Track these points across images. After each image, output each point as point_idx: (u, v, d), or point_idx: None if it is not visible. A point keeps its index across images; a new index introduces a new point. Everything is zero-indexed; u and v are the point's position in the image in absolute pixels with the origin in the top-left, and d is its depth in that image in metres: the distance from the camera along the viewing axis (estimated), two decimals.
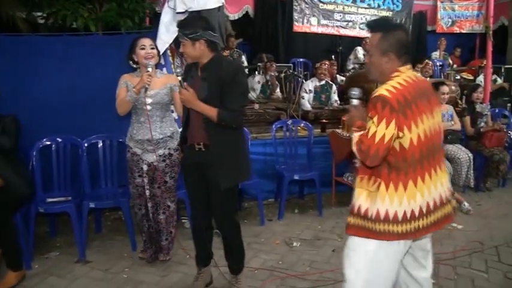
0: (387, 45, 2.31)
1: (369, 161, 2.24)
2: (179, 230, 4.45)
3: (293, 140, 5.10)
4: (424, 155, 2.25)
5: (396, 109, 2.15)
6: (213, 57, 3.01)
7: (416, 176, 2.24)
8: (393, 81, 2.24)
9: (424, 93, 2.30)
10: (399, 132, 2.18)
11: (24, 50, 4.56)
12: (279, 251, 4.03)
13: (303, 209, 5.08)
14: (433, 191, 2.31)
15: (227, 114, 2.93)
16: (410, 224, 2.25)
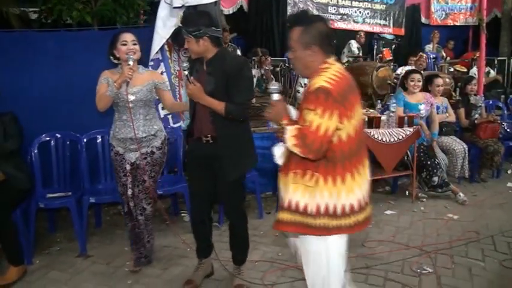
0: (309, 38, 2.27)
1: (312, 154, 2.19)
2: (179, 223, 4.51)
3: None
4: (359, 147, 2.27)
5: (338, 100, 2.13)
6: (217, 52, 3.05)
7: (352, 169, 2.23)
8: (328, 73, 2.21)
9: (353, 87, 2.29)
10: (339, 124, 2.17)
11: (19, 46, 4.58)
12: (278, 243, 4.06)
13: None
14: (364, 186, 2.30)
15: (234, 107, 2.98)
16: (350, 218, 2.26)
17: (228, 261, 3.48)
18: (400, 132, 4.85)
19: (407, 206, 5.02)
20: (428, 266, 3.61)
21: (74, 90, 4.49)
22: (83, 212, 3.99)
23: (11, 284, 3.47)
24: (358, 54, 8.82)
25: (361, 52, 9.00)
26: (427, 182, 5.24)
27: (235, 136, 3.10)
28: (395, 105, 5.27)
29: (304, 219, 2.27)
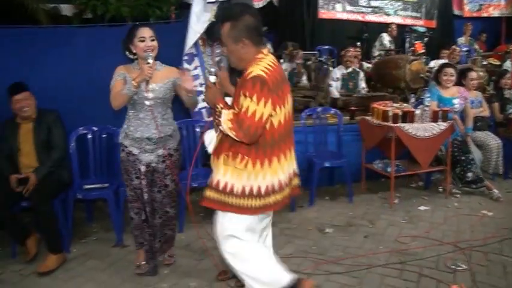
0: (238, 32, 2.38)
1: (248, 138, 2.33)
2: (213, 215, 4.53)
3: (323, 128, 5.13)
4: (286, 134, 2.47)
5: (272, 89, 2.28)
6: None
7: (279, 153, 2.44)
8: (263, 63, 2.34)
9: (284, 78, 2.46)
10: (272, 111, 2.33)
11: (48, 41, 4.67)
12: (312, 236, 4.09)
13: (334, 195, 5.13)
14: (286, 169, 2.52)
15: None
16: (270, 197, 2.47)
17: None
18: (435, 126, 4.80)
19: (441, 202, 4.97)
20: (462, 262, 3.58)
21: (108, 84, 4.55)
22: (120, 203, 4.08)
23: (51, 271, 3.57)
24: (390, 47, 8.72)
25: (392, 45, 8.90)
26: (461, 178, 5.18)
27: None
28: (430, 100, 5.23)
29: (228, 199, 2.49)
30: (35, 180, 3.72)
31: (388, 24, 9.30)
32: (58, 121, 3.93)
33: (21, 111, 3.81)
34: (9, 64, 4.40)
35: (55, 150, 3.88)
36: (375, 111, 4.94)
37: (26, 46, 4.54)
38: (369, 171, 5.21)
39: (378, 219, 4.46)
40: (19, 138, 3.86)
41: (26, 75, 4.07)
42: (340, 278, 3.38)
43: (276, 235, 4.01)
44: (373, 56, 8.53)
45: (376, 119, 4.89)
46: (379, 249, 3.83)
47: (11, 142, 3.89)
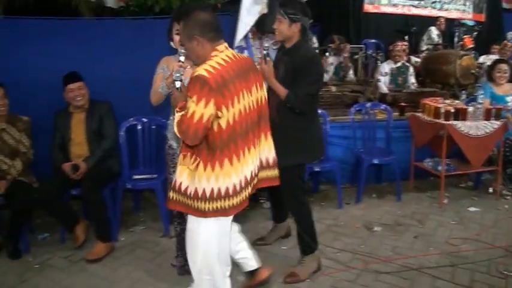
0: (190, 29, 2.35)
1: (189, 140, 2.30)
2: (258, 210, 4.55)
3: (372, 124, 5.03)
4: (240, 133, 2.33)
5: (214, 89, 2.19)
6: (297, 42, 3.16)
7: (231, 155, 2.32)
8: (212, 61, 2.27)
9: (243, 72, 2.37)
10: (218, 112, 2.24)
11: (89, 33, 4.72)
12: (360, 234, 4.02)
13: (381, 193, 5.02)
14: (245, 170, 2.39)
15: (294, 98, 3.07)
16: (225, 201, 2.35)
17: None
18: (487, 125, 4.64)
19: (491, 203, 4.81)
20: None
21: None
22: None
23: (99, 259, 3.63)
24: (438, 41, 8.49)
25: (441, 39, 8.67)
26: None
27: (295, 126, 3.17)
28: (483, 97, 5.07)
29: (185, 200, 2.42)
30: (85, 169, 3.78)
31: (437, 18, 9.04)
32: (110, 112, 3.98)
33: (74, 101, 3.88)
34: (64, 55, 4.47)
35: (106, 140, 3.93)
36: (426, 107, 4.81)
37: (80, 38, 4.61)
38: (416, 169, 5.08)
39: (427, 219, 4.35)
40: (71, 127, 3.93)
41: (80, 66, 4.11)
42: (390, 278, 3.32)
43: (323, 231, 4.02)
44: (421, 50, 8.33)
45: (427, 115, 4.76)
46: (430, 250, 3.74)
47: (63, 131, 3.97)
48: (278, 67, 3.16)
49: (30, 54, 4.43)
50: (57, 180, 3.82)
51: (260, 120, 2.51)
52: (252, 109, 2.41)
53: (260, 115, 2.50)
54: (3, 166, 3.79)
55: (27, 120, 3.93)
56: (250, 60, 2.55)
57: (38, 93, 4.31)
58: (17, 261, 3.66)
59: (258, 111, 2.47)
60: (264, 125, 2.56)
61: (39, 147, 4.02)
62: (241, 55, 2.52)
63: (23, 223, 3.77)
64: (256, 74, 2.53)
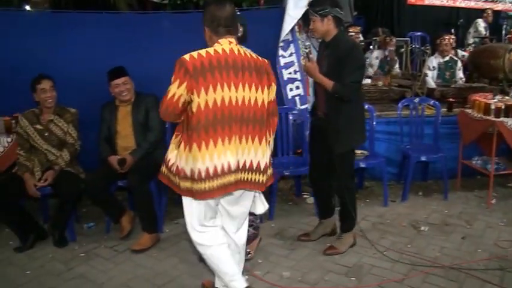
0: (204, 20, 2.51)
1: (161, 115, 2.53)
2: (301, 205, 4.52)
3: (419, 119, 4.89)
4: (216, 122, 2.37)
5: (190, 73, 2.31)
6: (336, 35, 3.28)
7: (208, 139, 2.38)
8: (203, 50, 2.39)
9: (237, 67, 2.40)
10: (190, 96, 2.35)
11: (149, 27, 4.74)
12: (407, 233, 3.92)
13: (427, 191, 4.88)
14: (226, 157, 2.42)
15: (341, 87, 3.20)
16: (193, 184, 2.43)
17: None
18: None
19: None
20: None
21: None
22: None
23: (145, 250, 3.67)
24: (485, 34, 8.24)
25: (488, 32, 8.41)
26: None
27: (344, 115, 3.30)
28: None
29: (169, 175, 2.59)
30: (132, 162, 3.81)
31: (484, 10, 8.76)
32: (156, 104, 3.98)
33: (120, 96, 3.90)
34: (108, 48, 4.48)
35: (152, 132, 3.95)
36: (476, 103, 4.65)
37: (124, 31, 4.61)
38: (463, 167, 4.93)
39: (475, 220, 4.21)
40: (117, 120, 3.97)
41: (125, 59, 4.13)
42: (438, 280, 3.22)
43: (369, 229, 3.96)
44: (468, 44, 8.10)
45: (476, 112, 4.60)
46: (478, 252, 3.62)
47: (109, 124, 4.01)
48: (322, 62, 3.33)
49: (77, 47, 4.46)
50: (103, 171, 3.88)
51: (248, 120, 2.47)
52: (233, 104, 2.41)
53: (248, 115, 2.47)
54: (51, 157, 3.86)
55: (75, 112, 3.98)
56: (260, 61, 2.53)
57: (84, 86, 4.32)
58: (63, 250, 3.74)
59: (244, 110, 2.45)
60: (254, 128, 2.51)
61: (86, 140, 4.07)
62: (250, 54, 2.52)
63: (70, 212, 3.84)
64: (260, 75, 2.50)
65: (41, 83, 3.80)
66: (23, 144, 3.86)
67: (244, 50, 2.49)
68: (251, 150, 2.51)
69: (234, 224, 2.79)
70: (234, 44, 2.46)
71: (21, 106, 4.02)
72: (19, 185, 3.72)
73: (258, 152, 2.54)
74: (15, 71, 4.27)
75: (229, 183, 2.47)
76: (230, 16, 2.48)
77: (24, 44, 4.34)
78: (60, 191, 3.77)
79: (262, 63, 2.54)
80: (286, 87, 4.59)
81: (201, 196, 2.46)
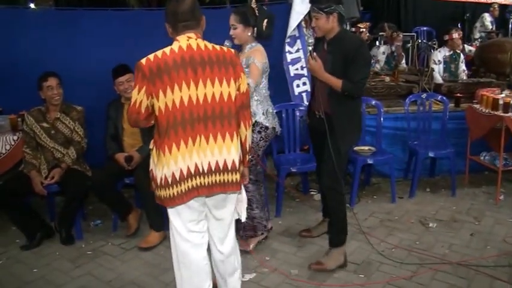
0: (165, 16, 2.42)
1: (129, 122, 2.52)
2: (308, 202, 4.50)
3: (427, 115, 4.85)
4: (173, 124, 2.27)
5: (147, 77, 2.25)
6: (338, 32, 3.19)
7: (171, 143, 2.29)
8: (161, 50, 2.30)
9: (192, 64, 2.28)
10: (151, 100, 2.29)
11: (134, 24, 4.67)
12: (415, 230, 3.90)
13: (435, 188, 4.85)
14: (195, 158, 2.30)
15: (350, 85, 3.10)
16: (160, 190, 2.34)
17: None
18: None
19: None
20: None
21: None
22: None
23: (153, 247, 3.68)
24: (492, 29, 8.17)
25: (494, 27, 8.34)
26: None
27: (347, 113, 3.24)
28: None
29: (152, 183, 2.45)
30: (139, 159, 3.81)
31: (490, 4, 8.69)
32: None
33: (125, 93, 3.89)
34: (115, 45, 4.46)
35: None
36: (484, 99, 4.61)
37: (132, 28, 4.58)
38: (473, 162, 4.89)
39: (483, 216, 4.18)
40: (123, 117, 3.94)
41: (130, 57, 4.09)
42: (447, 277, 3.20)
43: (377, 226, 3.94)
44: (474, 38, 8.04)
45: (484, 107, 4.56)
46: (487, 249, 3.60)
47: (116, 122, 4.01)
48: (323, 59, 3.17)
49: (82, 45, 4.45)
50: (110, 168, 3.88)
51: (214, 117, 2.33)
52: (194, 103, 2.28)
53: (214, 112, 2.32)
54: (58, 154, 3.86)
55: (81, 110, 3.97)
56: (225, 53, 2.38)
57: (91, 84, 4.32)
58: (70, 247, 3.75)
59: (207, 107, 2.31)
60: (222, 125, 2.35)
61: (92, 137, 4.07)
62: (213, 46, 2.38)
63: (77, 210, 3.84)
64: (225, 68, 2.35)
65: (48, 80, 3.79)
66: (29, 142, 3.85)
67: (205, 43, 2.36)
68: (222, 149, 2.35)
69: (221, 229, 2.60)
70: (193, 39, 2.34)
71: (27, 104, 4.02)
72: (26, 182, 3.72)
73: (231, 149, 2.37)
74: (20, 69, 4.27)
75: (200, 185, 2.34)
76: (188, 10, 2.35)
77: (30, 42, 4.35)
78: (67, 188, 3.77)
79: (227, 55, 2.38)
80: (293, 83, 4.57)
81: (170, 203, 2.36)
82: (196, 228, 2.49)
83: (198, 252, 2.50)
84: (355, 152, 4.35)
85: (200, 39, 2.37)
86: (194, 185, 2.34)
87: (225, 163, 2.37)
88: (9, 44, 4.34)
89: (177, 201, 2.34)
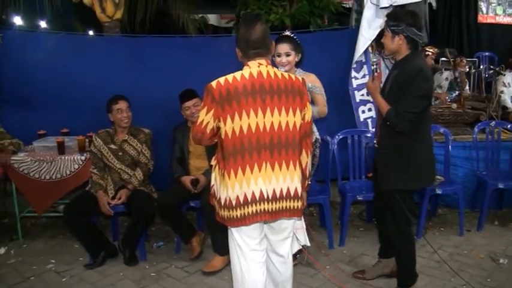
0: (236, 41, 2.44)
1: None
2: (373, 231, 4.38)
3: (496, 144, 4.67)
4: (240, 149, 2.31)
5: (217, 100, 2.29)
6: (406, 56, 3.00)
7: (237, 167, 2.33)
8: (232, 74, 2.33)
9: (261, 92, 2.31)
10: (218, 123, 2.35)
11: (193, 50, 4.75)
12: (485, 266, 3.73)
13: (503, 221, 4.63)
14: (260, 184, 2.34)
15: (394, 114, 2.92)
16: (224, 211, 2.38)
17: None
18: None
19: None
20: None
21: None
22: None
23: (217, 272, 3.66)
24: None
25: None
26: None
27: (397, 146, 3.01)
28: None
29: (217, 207, 2.50)
30: (205, 182, 3.82)
31: None
32: None
33: (191, 117, 3.92)
34: (179, 70, 4.57)
35: None
36: None
37: (194, 54, 4.68)
38: None
39: None
40: (190, 141, 3.99)
41: (195, 82, 4.12)
42: None
43: (446, 260, 3.77)
44: None
45: None
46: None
47: (182, 145, 4.06)
48: (387, 82, 3.08)
49: (148, 69, 4.60)
50: (176, 191, 3.91)
51: (280, 146, 2.36)
52: (261, 131, 2.32)
53: (279, 140, 2.36)
54: (125, 175, 3.92)
55: (149, 133, 4.05)
56: (293, 82, 2.40)
57: (157, 108, 4.44)
58: (133, 268, 3.78)
59: (274, 135, 2.34)
60: (287, 153, 2.38)
61: (159, 160, 4.14)
62: (282, 74, 2.40)
63: (142, 231, 3.88)
64: (292, 97, 2.37)
65: (118, 103, 3.88)
66: (97, 163, 3.94)
67: (275, 71, 2.38)
68: (286, 177, 2.39)
69: (279, 258, 2.64)
70: (263, 66, 2.37)
71: (94, 126, 4.15)
72: (92, 202, 3.80)
73: (294, 177, 2.42)
74: (88, 92, 4.44)
75: (264, 211, 2.38)
76: (260, 38, 2.38)
77: (99, 67, 4.53)
78: (133, 209, 3.82)
79: (295, 84, 2.41)
80: (359, 109, 4.52)
81: (233, 224, 2.40)
82: (258, 247, 2.52)
83: (260, 271, 2.53)
84: None
85: (270, 66, 2.41)
86: (258, 210, 2.37)
87: (288, 190, 2.41)
88: (78, 68, 4.52)
89: (239, 223, 2.40)
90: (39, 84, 4.50)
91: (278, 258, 2.63)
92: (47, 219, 4.64)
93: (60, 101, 4.49)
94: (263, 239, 2.56)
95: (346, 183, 4.26)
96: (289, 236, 2.62)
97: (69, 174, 4.09)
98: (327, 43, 4.73)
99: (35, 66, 4.51)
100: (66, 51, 4.56)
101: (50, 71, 4.51)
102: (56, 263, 3.85)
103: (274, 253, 2.62)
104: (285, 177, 2.39)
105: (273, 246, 2.61)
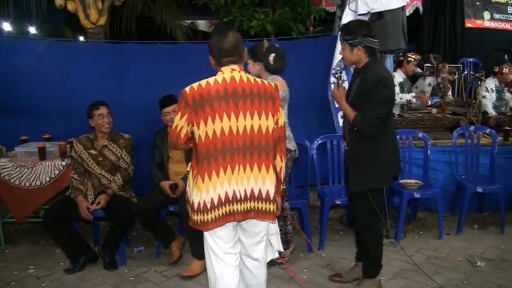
0: (208, 49, 2.50)
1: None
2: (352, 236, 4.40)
3: (475, 148, 4.73)
4: (213, 152, 2.35)
5: (190, 105, 2.34)
6: (366, 63, 3.09)
7: (211, 170, 2.36)
8: (205, 79, 2.37)
9: (234, 96, 2.35)
10: (192, 127, 2.39)
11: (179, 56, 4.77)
12: (462, 269, 3.76)
13: (483, 224, 4.69)
14: (233, 185, 2.38)
15: (360, 120, 3.02)
16: (207, 215, 2.38)
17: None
18: None
19: None
20: None
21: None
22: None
23: (195, 276, 3.67)
24: None
25: None
26: None
27: (365, 150, 3.10)
28: None
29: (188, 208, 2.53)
30: (183, 187, 3.83)
31: None
32: None
33: (171, 123, 3.91)
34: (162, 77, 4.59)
35: None
36: None
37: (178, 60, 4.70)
38: None
39: None
40: (169, 146, 4.02)
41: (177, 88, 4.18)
42: None
43: (424, 263, 3.82)
44: None
45: None
46: None
47: (162, 150, 4.08)
48: (351, 89, 3.18)
49: (130, 75, 4.61)
50: (155, 196, 3.93)
51: (252, 149, 2.40)
52: (234, 134, 2.37)
53: (252, 143, 2.40)
54: (104, 181, 3.94)
55: (129, 138, 4.07)
56: (265, 87, 2.45)
57: (137, 113, 4.47)
58: (113, 273, 3.79)
59: (247, 138, 2.39)
60: (260, 156, 2.42)
61: (139, 166, 4.16)
62: (255, 79, 2.45)
63: (121, 236, 3.89)
64: (265, 102, 2.42)
65: (99, 108, 3.91)
66: (77, 168, 3.95)
67: (248, 76, 2.43)
68: (258, 179, 2.43)
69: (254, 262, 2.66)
70: (236, 71, 2.42)
71: (75, 131, 4.17)
72: (72, 207, 3.81)
73: (266, 180, 2.44)
74: (69, 98, 4.44)
75: (235, 211, 2.42)
76: (232, 46, 2.43)
77: (82, 73, 4.52)
78: (113, 214, 3.84)
79: (268, 89, 2.45)
80: (338, 114, 4.54)
81: (205, 227, 2.43)
82: (231, 250, 2.55)
83: (233, 274, 2.56)
84: (401, 185, 4.27)
85: (243, 72, 2.46)
86: (231, 210, 2.42)
87: (260, 192, 2.46)
88: (61, 74, 4.53)
89: (210, 226, 2.42)
90: (22, 90, 4.49)
91: (253, 262, 2.65)
92: (30, 225, 4.64)
93: (43, 106, 4.48)
94: (236, 242, 2.58)
95: (326, 188, 4.30)
96: (263, 240, 2.64)
97: (49, 181, 4.09)
98: (308, 49, 4.78)
99: (18, 72, 4.50)
100: (49, 57, 4.57)
101: (33, 77, 4.51)
102: (37, 268, 3.86)
103: (249, 257, 2.64)
104: (257, 179, 2.43)
105: (247, 249, 2.62)
